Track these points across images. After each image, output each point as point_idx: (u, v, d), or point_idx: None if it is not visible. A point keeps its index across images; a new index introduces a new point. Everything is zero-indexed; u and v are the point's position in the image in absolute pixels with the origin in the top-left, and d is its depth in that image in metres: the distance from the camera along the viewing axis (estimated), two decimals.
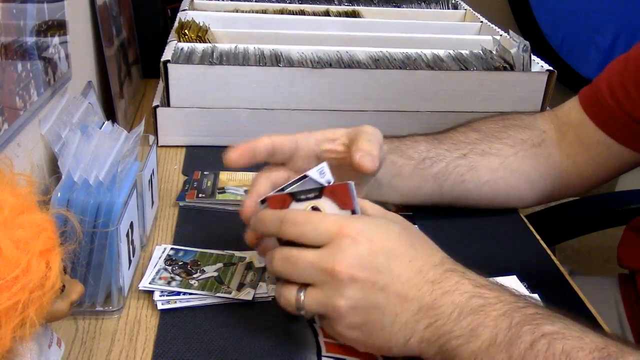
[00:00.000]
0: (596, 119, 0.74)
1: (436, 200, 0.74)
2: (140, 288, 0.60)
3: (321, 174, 0.54)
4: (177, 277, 0.61)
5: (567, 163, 0.76)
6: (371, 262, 0.48)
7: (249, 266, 0.64)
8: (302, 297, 0.49)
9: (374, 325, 0.48)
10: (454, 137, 0.75)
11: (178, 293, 0.59)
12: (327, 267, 0.48)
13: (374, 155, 0.57)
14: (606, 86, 0.74)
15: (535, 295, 0.62)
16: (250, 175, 0.82)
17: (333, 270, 0.47)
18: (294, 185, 0.54)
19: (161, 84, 0.90)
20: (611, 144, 0.74)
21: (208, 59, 0.92)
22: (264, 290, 0.60)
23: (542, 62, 0.98)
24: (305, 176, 0.54)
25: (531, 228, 0.77)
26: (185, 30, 1.03)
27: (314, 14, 1.24)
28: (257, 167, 0.85)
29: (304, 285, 0.49)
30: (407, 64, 0.97)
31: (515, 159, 0.75)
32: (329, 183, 0.53)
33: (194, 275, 0.61)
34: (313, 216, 0.50)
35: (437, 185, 0.72)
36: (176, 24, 1.06)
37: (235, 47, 0.98)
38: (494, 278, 0.61)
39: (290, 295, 0.50)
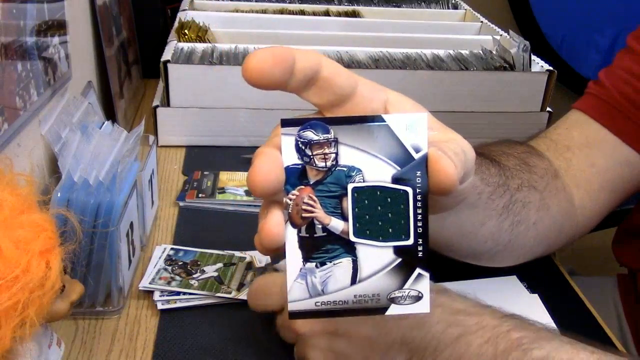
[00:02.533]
0: (623, 134, 0.64)
1: (489, 244, 0.55)
2: (140, 288, 0.60)
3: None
4: (177, 277, 0.61)
5: (581, 195, 0.64)
6: None
7: (249, 266, 0.64)
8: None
9: None
10: (504, 162, 0.58)
11: (178, 293, 0.59)
12: (289, 327, 0.50)
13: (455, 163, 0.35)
14: (624, 99, 0.65)
15: (535, 296, 0.62)
16: None
17: (294, 329, 0.49)
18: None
19: (161, 84, 0.90)
20: (638, 162, 0.64)
21: (208, 59, 0.92)
22: None
23: (542, 62, 0.98)
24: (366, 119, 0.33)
25: None
26: (185, 30, 1.03)
27: (314, 14, 1.24)
28: None
29: None
30: (407, 64, 0.97)
31: (549, 193, 0.61)
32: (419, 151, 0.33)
33: (194, 275, 0.61)
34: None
35: (497, 226, 0.54)
36: (176, 24, 1.06)
37: (235, 47, 0.98)
38: (494, 278, 0.61)
39: None
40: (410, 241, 0.34)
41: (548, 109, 0.96)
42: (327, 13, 1.25)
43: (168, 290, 0.59)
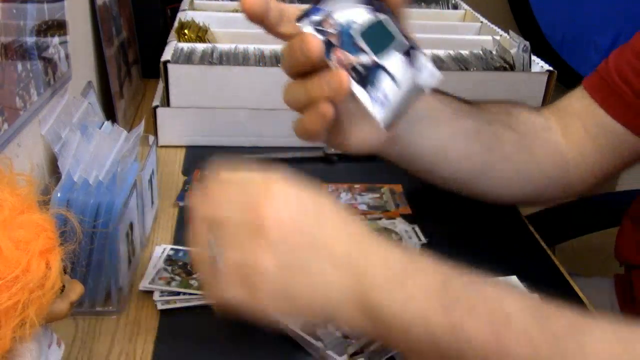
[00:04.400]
0: (608, 106, 0.69)
1: (463, 167, 0.66)
2: (140, 288, 0.60)
3: None
4: (177, 277, 0.61)
5: (574, 154, 0.71)
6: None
7: None
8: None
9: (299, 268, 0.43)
10: (482, 106, 0.68)
11: (178, 293, 0.59)
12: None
13: None
14: (617, 74, 0.69)
15: (535, 296, 0.62)
16: None
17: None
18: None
19: (161, 84, 0.90)
20: (622, 134, 0.68)
21: (208, 59, 0.92)
22: None
23: (542, 62, 0.98)
24: None
25: (531, 228, 0.77)
26: (185, 30, 1.03)
27: None
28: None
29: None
30: None
31: (533, 139, 0.69)
32: None
33: (194, 275, 0.61)
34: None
35: (467, 148, 0.64)
36: (176, 24, 1.06)
37: (235, 47, 0.98)
38: (494, 278, 0.61)
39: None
40: (407, 42, 0.51)
41: None
42: None
43: (168, 291, 0.59)
